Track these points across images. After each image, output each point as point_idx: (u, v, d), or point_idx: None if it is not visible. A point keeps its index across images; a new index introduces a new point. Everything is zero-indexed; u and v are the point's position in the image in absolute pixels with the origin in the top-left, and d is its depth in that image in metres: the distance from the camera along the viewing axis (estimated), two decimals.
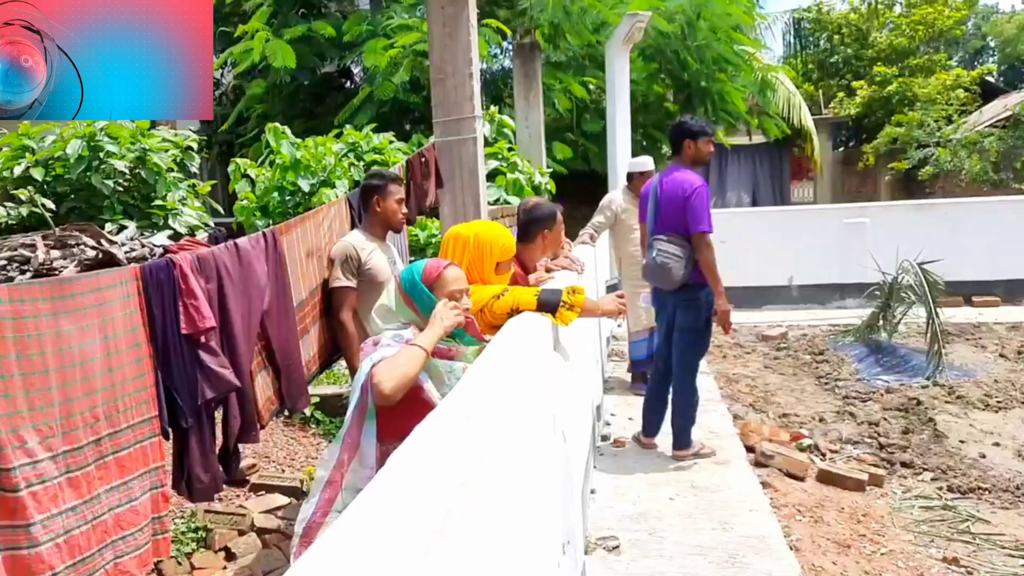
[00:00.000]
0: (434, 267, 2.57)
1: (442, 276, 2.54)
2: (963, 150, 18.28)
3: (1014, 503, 4.76)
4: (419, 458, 1.36)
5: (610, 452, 5.34)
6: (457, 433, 1.51)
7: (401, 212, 3.96)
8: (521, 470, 1.99)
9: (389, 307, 2.63)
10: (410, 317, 2.56)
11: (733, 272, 9.73)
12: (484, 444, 1.53)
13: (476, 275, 2.97)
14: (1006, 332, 8.84)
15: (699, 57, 12.31)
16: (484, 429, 1.58)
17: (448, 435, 1.49)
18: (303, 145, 6.69)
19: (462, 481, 1.31)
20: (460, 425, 1.55)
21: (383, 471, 1.34)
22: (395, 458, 1.40)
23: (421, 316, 2.53)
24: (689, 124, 5.00)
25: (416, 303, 2.54)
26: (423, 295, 2.54)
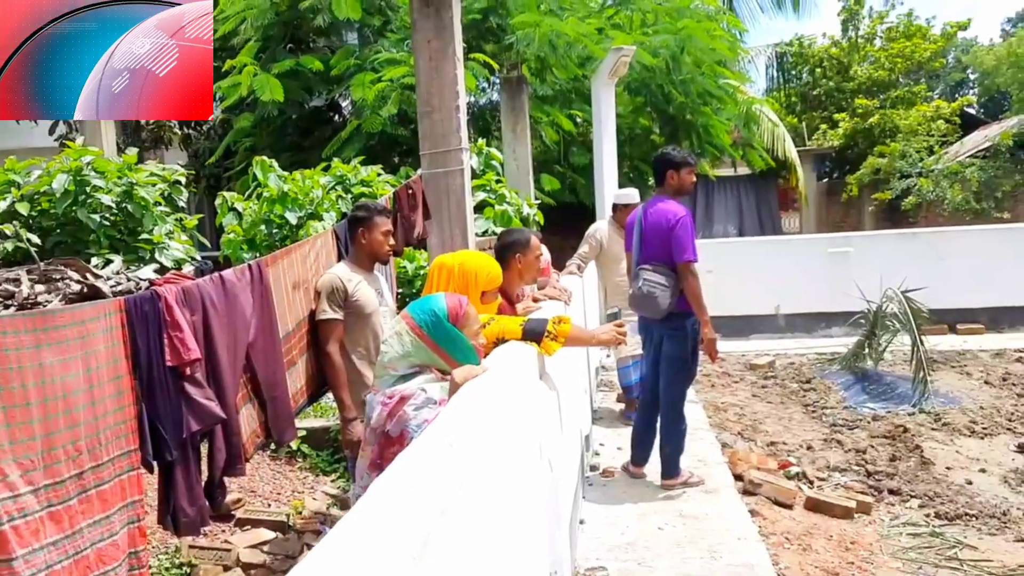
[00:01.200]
0: (455, 306, 2.52)
1: (468, 315, 2.52)
2: (945, 180, 18.53)
3: (1001, 529, 4.77)
4: (399, 485, 1.36)
5: (599, 482, 5.33)
6: (439, 461, 1.52)
7: (388, 244, 3.98)
8: (505, 498, 1.99)
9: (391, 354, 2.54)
10: (431, 360, 2.49)
11: (721, 301, 9.82)
12: (466, 472, 1.54)
13: None
14: (990, 359, 8.90)
15: (684, 91, 12.46)
16: (466, 457, 1.59)
17: (429, 462, 1.50)
18: (290, 178, 6.72)
19: (442, 508, 1.32)
20: (442, 453, 1.55)
21: (364, 498, 1.34)
22: (376, 485, 1.41)
23: (449, 358, 2.47)
24: (672, 155, 5.07)
25: (444, 345, 2.47)
26: (454, 336, 2.47)
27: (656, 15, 12.57)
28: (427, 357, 2.48)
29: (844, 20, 24.06)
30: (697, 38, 12.00)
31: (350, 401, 3.74)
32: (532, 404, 2.71)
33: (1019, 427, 6.65)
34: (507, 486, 2.06)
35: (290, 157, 10.95)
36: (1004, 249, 10.45)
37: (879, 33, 23.78)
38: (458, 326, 2.49)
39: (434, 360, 2.48)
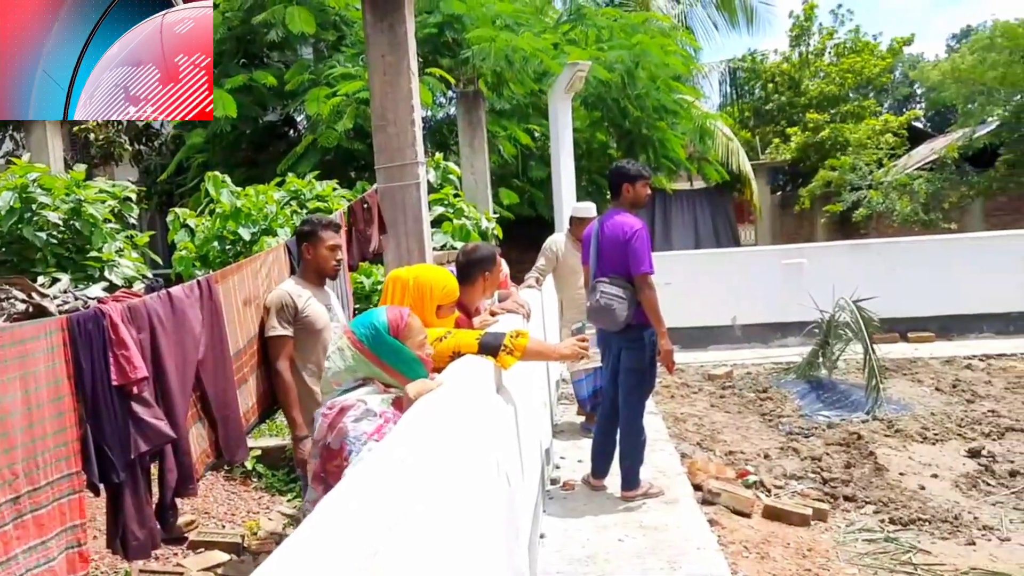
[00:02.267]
0: (397, 318, 2.48)
1: (410, 326, 2.47)
2: (894, 192, 18.96)
3: (953, 533, 4.84)
4: (347, 501, 1.33)
5: (559, 495, 5.32)
6: (389, 476, 1.49)
7: (335, 259, 3.92)
8: (460, 513, 1.97)
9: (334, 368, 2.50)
10: (373, 373, 2.44)
11: (679, 313, 9.92)
12: (417, 487, 1.51)
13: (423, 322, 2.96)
14: (941, 366, 9.08)
15: (639, 105, 12.60)
16: (417, 472, 1.56)
17: (379, 478, 1.47)
18: (243, 194, 6.64)
19: (391, 524, 1.29)
20: (392, 468, 1.53)
21: (311, 515, 1.31)
22: (324, 501, 1.38)
23: (392, 371, 2.43)
24: (626, 168, 5.11)
25: (387, 358, 2.42)
26: (397, 349, 2.43)
27: (611, 31, 12.71)
28: (370, 371, 2.44)
29: (795, 36, 24.55)
30: (652, 53, 12.15)
31: (301, 419, 3.68)
32: (488, 418, 2.68)
33: (969, 433, 6.78)
34: (462, 501, 2.03)
35: (244, 173, 10.84)
36: (952, 259, 10.69)
37: (828, 49, 24.31)
38: (400, 338, 2.44)
39: (377, 373, 2.44)
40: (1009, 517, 5.12)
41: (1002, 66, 19.04)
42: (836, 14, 25.95)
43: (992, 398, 7.77)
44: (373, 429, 2.26)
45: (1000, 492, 5.58)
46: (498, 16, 10.93)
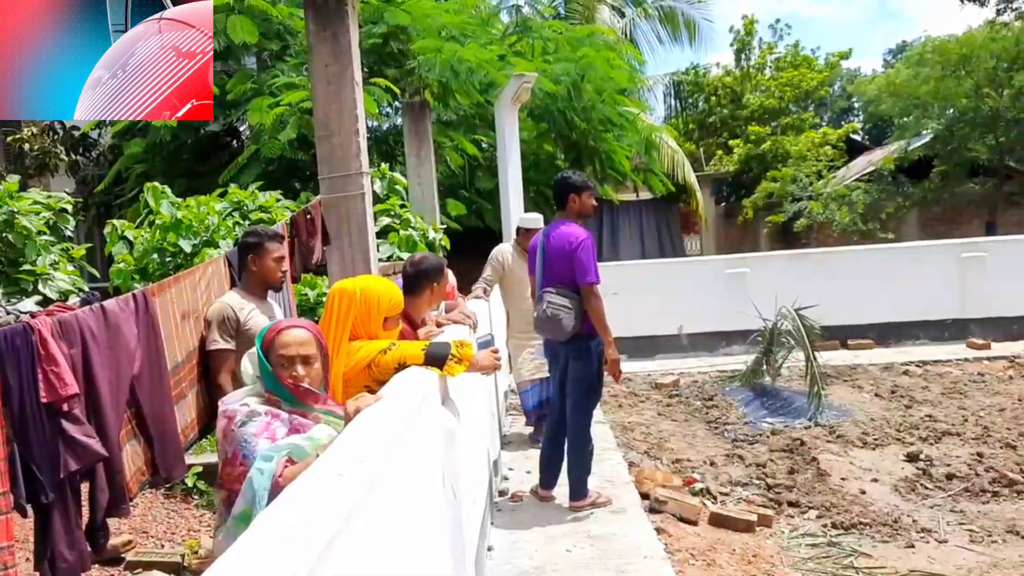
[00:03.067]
0: (269, 332, 2.43)
1: (272, 341, 2.41)
2: (833, 203, 19.43)
3: (893, 536, 4.95)
4: (283, 516, 1.30)
5: (508, 507, 5.29)
6: (327, 491, 1.46)
7: (280, 271, 3.86)
8: (402, 528, 1.94)
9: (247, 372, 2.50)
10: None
11: (626, 323, 10.00)
12: (356, 501, 1.48)
13: (363, 331, 2.91)
14: (879, 373, 9.30)
15: (585, 117, 12.71)
16: (357, 486, 1.53)
17: (317, 493, 1.44)
18: (184, 205, 6.51)
19: (329, 539, 1.26)
20: (331, 482, 1.49)
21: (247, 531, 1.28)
22: (260, 518, 1.34)
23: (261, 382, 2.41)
24: (572, 179, 5.13)
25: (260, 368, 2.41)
26: (262, 361, 2.39)
27: (557, 43, 12.80)
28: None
29: (736, 51, 25.07)
30: (597, 67, 12.28)
31: None
32: (433, 430, 2.65)
33: (907, 437, 6.95)
34: (404, 515, 2.00)
35: (185, 183, 10.63)
36: (889, 267, 10.97)
37: (769, 63, 24.87)
38: (265, 351, 2.40)
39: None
40: (946, 520, 5.26)
41: (934, 81, 19.70)
42: (775, 29, 26.63)
43: (929, 403, 7.98)
44: (261, 428, 2.26)
45: (937, 495, 5.73)
46: (444, 27, 10.93)
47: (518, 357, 6.59)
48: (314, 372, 2.41)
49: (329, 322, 2.87)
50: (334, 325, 2.85)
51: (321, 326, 2.86)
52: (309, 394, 2.39)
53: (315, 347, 2.44)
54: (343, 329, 2.83)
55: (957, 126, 19.69)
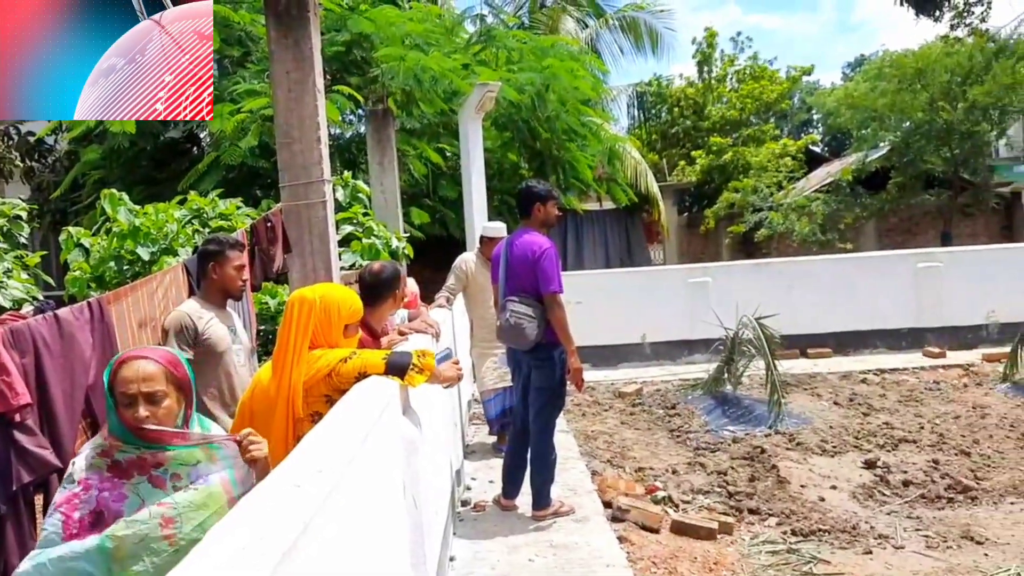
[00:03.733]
0: (115, 364, 2.09)
1: (115, 375, 2.06)
2: (793, 213, 19.74)
3: (851, 543, 5.01)
4: (238, 530, 1.28)
5: (470, 517, 5.27)
6: (283, 502, 1.44)
7: (241, 279, 3.81)
8: (362, 539, 1.92)
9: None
10: None
11: (590, 332, 10.03)
12: (314, 512, 1.46)
13: (323, 339, 2.87)
14: (838, 381, 9.44)
15: (549, 127, 12.75)
16: (315, 497, 1.51)
17: (273, 505, 1.42)
18: (142, 212, 6.41)
19: (285, 551, 1.24)
20: (287, 494, 1.47)
21: (201, 543, 1.25)
22: (214, 530, 1.32)
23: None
24: (536, 188, 5.14)
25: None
26: (106, 396, 2.09)
27: (521, 53, 12.84)
28: None
29: (699, 62, 25.38)
30: (561, 77, 12.33)
31: None
32: (393, 441, 2.64)
33: (865, 444, 7.05)
34: (363, 526, 1.98)
35: (144, 191, 10.49)
36: (847, 277, 11.16)
37: (730, 75, 25.22)
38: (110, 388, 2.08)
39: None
40: (903, 526, 5.34)
41: (891, 94, 20.12)
42: (736, 41, 27.02)
43: (886, 411, 8.11)
44: (63, 499, 1.98)
45: (894, 501, 5.82)
46: (407, 35, 10.91)
47: (481, 366, 6.58)
48: (162, 410, 2.05)
49: (288, 330, 2.83)
50: (294, 333, 2.80)
51: (280, 334, 2.82)
52: (159, 435, 2.03)
53: (163, 382, 2.06)
54: (303, 337, 2.79)
55: (913, 138, 20.12)
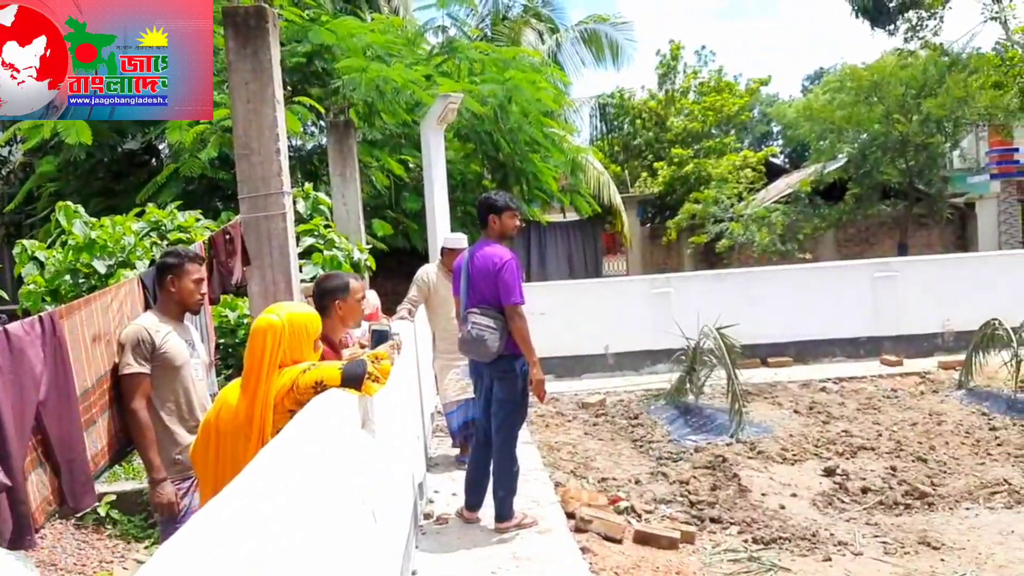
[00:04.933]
0: None
1: None
2: (753, 224, 19.99)
3: (811, 550, 5.07)
4: (188, 545, 1.26)
5: (433, 530, 5.23)
6: (235, 517, 1.42)
7: (199, 292, 3.75)
8: (317, 553, 1.90)
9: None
10: None
11: (553, 343, 10.07)
12: (266, 528, 1.44)
13: (294, 360, 2.82)
14: (798, 389, 9.55)
15: (512, 139, 12.80)
16: (267, 512, 1.49)
17: (225, 520, 1.40)
18: (98, 225, 6.31)
19: (236, 568, 1.22)
20: (239, 509, 1.45)
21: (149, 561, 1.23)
22: (163, 548, 1.30)
23: None
24: (494, 199, 5.14)
25: None
26: None
27: (483, 64, 12.89)
28: None
29: (661, 75, 25.64)
30: (523, 88, 12.39)
31: (159, 461, 3.48)
32: (352, 454, 2.61)
33: (825, 452, 7.15)
34: (320, 540, 1.96)
35: (101, 202, 10.33)
36: (806, 287, 11.33)
37: (693, 88, 25.51)
38: None
39: None
40: (861, 532, 5.42)
41: (848, 106, 20.50)
42: (700, 55, 27.33)
43: (845, 419, 8.22)
44: None
45: (853, 508, 5.90)
46: (369, 47, 10.89)
47: (443, 378, 6.56)
48: None
49: (261, 357, 2.74)
50: (267, 360, 2.73)
51: (249, 360, 2.74)
52: None
53: None
54: (274, 364, 2.73)
55: (869, 150, 20.52)
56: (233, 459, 2.49)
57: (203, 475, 2.75)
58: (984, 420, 7.90)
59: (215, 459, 2.66)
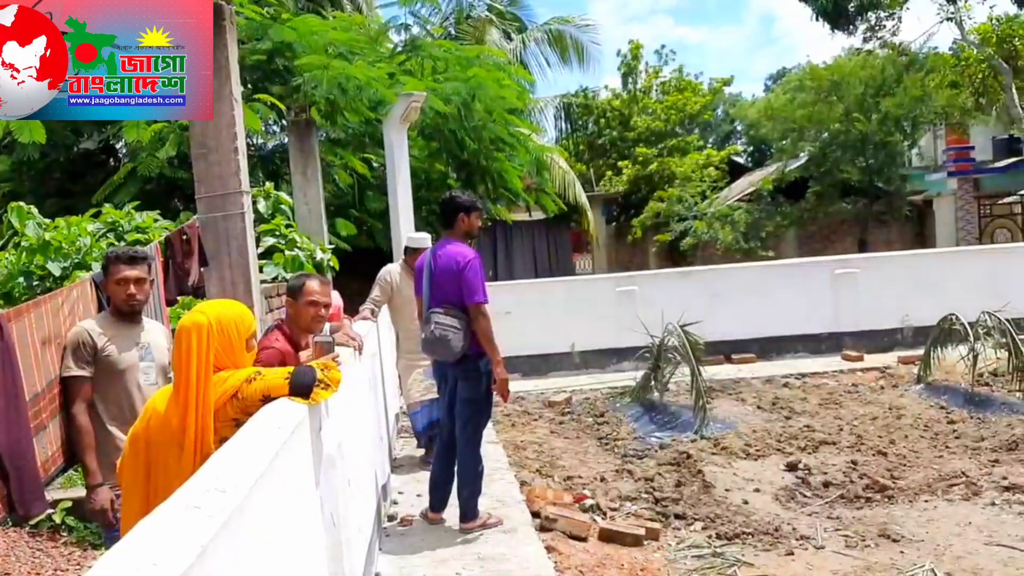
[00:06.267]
0: None
1: None
2: (717, 222, 20.19)
3: (774, 544, 5.11)
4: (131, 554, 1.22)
5: (396, 532, 5.19)
6: (180, 525, 1.38)
7: (126, 293, 3.51)
8: (271, 560, 1.86)
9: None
10: None
11: (520, 341, 10.06)
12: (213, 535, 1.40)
13: (229, 362, 2.68)
14: (762, 386, 9.64)
15: (476, 137, 12.74)
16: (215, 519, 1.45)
17: (170, 527, 1.36)
18: (53, 226, 6.17)
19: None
20: (185, 516, 1.41)
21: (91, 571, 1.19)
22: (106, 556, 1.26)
23: None
24: (462, 199, 5.12)
25: None
26: None
27: (447, 63, 12.82)
28: None
29: (624, 74, 25.76)
30: (487, 86, 12.34)
31: (95, 466, 3.35)
32: (307, 458, 2.56)
33: (787, 447, 7.22)
34: (277, 547, 1.92)
35: (57, 203, 10.11)
36: (770, 284, 11.44)
37: (655, 87, 25.67)
38: None
39: None
40: (823, 526, 5.47)
41: (809, 105, 20.78)
42: (660, 54, 27.52)
43: (807, 414, 8.32)
44: None
45: (815, 503, 5.96)
46: (331, 44, 10.77)
47: (407, 378, 6.51)
48: None
49: (189, 361, 2.56)
50: (196, 363, 2.55)
51: (178, 365, 2.60)
52: None
53: None
54: (205, 367, 2.56)
55: (830, 149, 20.81)
56: (165, 469, 2.38)
57: (131, 488, 2.58)
58: (942, 414, 8.04)
59: (145, 471, 2.52)
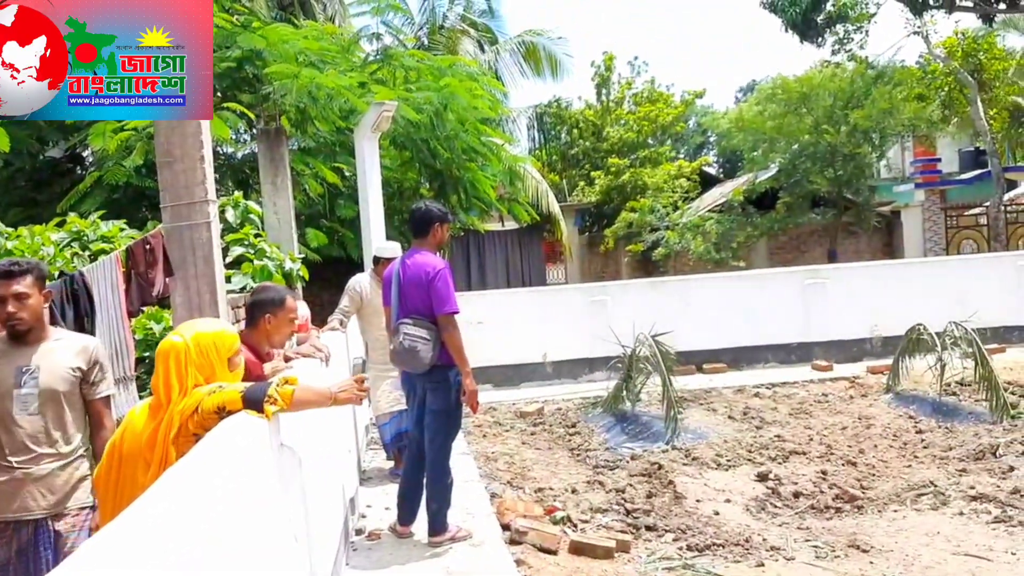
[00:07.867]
0: None
1: None
2: (688, 233, 20.30)
3: (744, 555, 5.10)
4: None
5: (364, 546, 5.12)
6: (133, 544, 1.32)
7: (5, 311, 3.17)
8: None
9: None
10: None
11: (492, 352, 10.03)
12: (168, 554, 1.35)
13: (211, 381, 2.65)
14: (733, 395, 9.67)
15: (448, 147, 12.71)
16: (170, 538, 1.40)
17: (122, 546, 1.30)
18: (15, 235, 6.05)
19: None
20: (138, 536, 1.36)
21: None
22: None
23: None
24: (435, 210, 5.09)
25: None
26: None
27: (419, 72, 12.79)
28: None
29: (597, 85, 25.89)
30: (459, 96, 12.32)
31: None
32: (268, 473, 2.50)
33: (758, 457, 7.23)
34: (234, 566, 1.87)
35: (20, 213, 9.94)
36: (740, 294, 11.50)
37: (627, 98, 25.83)
38: None
39: None
40: (793, 537, 5.47)
41: (779, 117, 20.98)
42: (633, 65, 27.70)
43: (778, 424, 8.35)
44: None
45: (785, 513, 5.97)
46: (302, 52, 10.70)
47: (376, 389, 6.44)
48: None
49: (167, 384, 2.55)
50: (174, 386, 2.54)
51: (157, 386, 2.56)
52: None
53: None
54: (182, 388, 2.55)
55: (799, 160, 21.01)
56: (132, 485, 2.35)
57: (104, 499, 2.57)
58: (911, 423, 8.10)
59: (115, 484, 2.49)
